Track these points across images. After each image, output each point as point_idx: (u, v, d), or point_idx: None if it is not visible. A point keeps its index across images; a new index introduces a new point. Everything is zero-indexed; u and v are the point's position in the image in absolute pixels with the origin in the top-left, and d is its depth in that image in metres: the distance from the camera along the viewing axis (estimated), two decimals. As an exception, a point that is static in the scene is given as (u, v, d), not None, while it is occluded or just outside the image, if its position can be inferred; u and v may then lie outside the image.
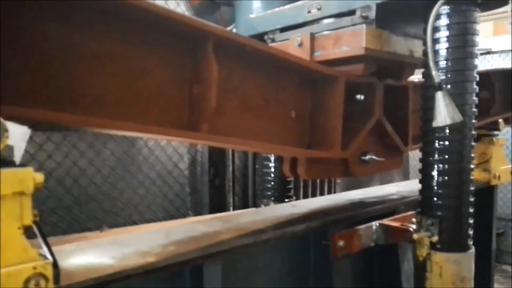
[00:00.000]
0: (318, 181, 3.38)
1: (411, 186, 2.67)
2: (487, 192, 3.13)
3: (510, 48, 5.88)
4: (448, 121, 1.70)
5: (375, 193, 2.56)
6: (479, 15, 1.87)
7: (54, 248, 1.16)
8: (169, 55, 1.46)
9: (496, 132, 3.18)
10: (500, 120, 3.10)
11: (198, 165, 3.36)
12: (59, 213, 2.66)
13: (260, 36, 2.37)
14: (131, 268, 1.32)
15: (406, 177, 4.80)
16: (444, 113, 1.70)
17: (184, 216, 3.26)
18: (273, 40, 2.32)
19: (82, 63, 1.22)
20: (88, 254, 1.41)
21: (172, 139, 1.40)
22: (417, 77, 2.34)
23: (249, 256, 1.80)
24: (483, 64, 6.12)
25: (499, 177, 3.13)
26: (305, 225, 1.85)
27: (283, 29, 2.28)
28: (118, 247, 1.49)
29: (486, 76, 3.00)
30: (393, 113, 2.25)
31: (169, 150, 3.21)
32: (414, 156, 2.01)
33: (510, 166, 3.32)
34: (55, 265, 1.11)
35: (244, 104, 1.74)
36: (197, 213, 3.34)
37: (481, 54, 6.03)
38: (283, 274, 1.95)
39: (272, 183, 2.56)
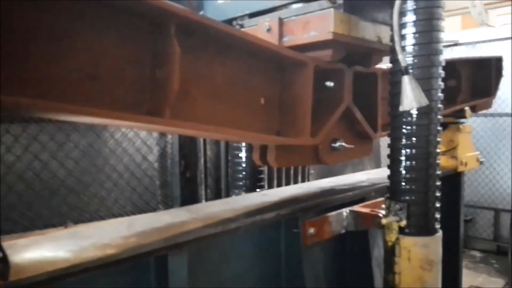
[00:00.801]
0: (291, 171, 3.36)
1: (381, 174, 2.68)
2: (454, 179, 3.19)
3: (477, 40, 6.02)
4: (415, 105, 1.70)
5: (345, 181, 2.55)
6: (448, 10, 1.87)
7: (6, 243, 1.09)
8: (130, 36, 1.39)
9: (462, 120, 3.23)
10: (467, 108, 3.15)
11: (168, 157, 3.28)
12: (19, 209, 2.53)
13: (229, 22, 2.32)
14: (89, 261, 1.26)
15: (377, 165, 4.84)
16: (410, 97, 1.70)
17: (154, 210, 3.18)
18: (242, 26, 2.27)
19: (34, 42, 1.14)
20: (43, 248, 1.34)
21: (133, 125, 1.34)
22: (385, 65, 2.34)
23: (218, 246, 1.75)
24: (451, 55, 6.25)
25: (466, 163, 3.19)
26: (275, 213, 1.81)
27: (252, 15, 2.23)
28: (76, 240, 1.42)
29: (453, 65, 3.04)
30: (362, 100, 2.24)
31: (137, 142, 3.11)
32: (386, 144, 2.02)
33: (476, 153, 3.39)
34: (4, 259, 1.05)
35: (210, 90, 1.69)
36: (168, 206, 3.26)
37: (449, 46, 6.15)
38: (253, 263, 1.91)
39: (244, 173, 2.53)
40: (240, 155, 2.56)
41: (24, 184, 2.58)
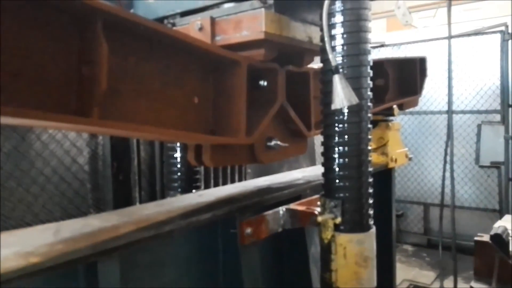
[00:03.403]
0: (228, 170, 3.35)
1: (316, 171, 2.74)
2: (385, 175, 3.33)
3: (401, 42, 6.35)
4: (346, 103, 1.75)
5: (281, 179, 2.58)
6: (374, 12, 1.95)
7: None
8: (55, 33, 1.31)
9: (391, 118, 3.39)
10: (395, 106, 3.31)
11: (99, 159, 3.15)
12: None
13: (160, 21, 2.27)
14: (10, 271, 1.17)
15: (313, 163, 4.97)
16: (341, 95, 1.75)
17: (85, 214, 3.03)
18: (173, 25, 2.23)
19: None
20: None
21: (60, 126, 1.26)
22: (317, 64, 2.40)
23: (152, 250, 1.70)
24: (378, 56, 6.55)
25: (396, 160, 3.34)
26: (211, 213, 1.79)
27: (184, 14, 2.19)
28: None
29: (381, 65, 3.18)
30: (295, 99, 2.28)
31: (65, 144, 2.96)
32: (320, 142, 2.07)
33: (405, 149, 3.57)
34: None
35: (141, 88, 1.63)
36: (100, 210, 3.13)
37: (376, 47, 6.43)
38: (190, 267, 1.88)
39: (179, 173, 2.47)
40: (175, 155, 2.50)
41: None
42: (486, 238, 4.31)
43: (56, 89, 1.33)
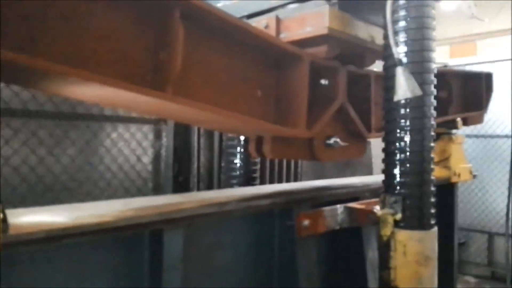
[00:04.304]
0: (284, 175, 3.38)
1: (374, 179, 2.71)
2: (448, 190, 3.20)
3: (465, 63, 6.19)
4: (409, 94, 1.74)
5: (339, 182, 2.58)
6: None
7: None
8: (136, 20, 1.45)
9: (454, 131, 3.29)
10: (458, 119, 3.22)
11: (162, 160, 3.29)
12: (12, 202, 2.52)
13: (227, 24, 2.39)
14: (86, 225, 1.27)
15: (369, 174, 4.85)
16: (404, 87, 1.75)
17: (146, 212, 3.15)
18: (240, 27, 2.34)
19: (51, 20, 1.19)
20: (40, 215, 1.34)
21: (137, 99, 1.37)
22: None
23: (212, 231, 1.75)
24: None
25: (459, 174, 3.22)
26: (270, 200, 1.83)
27: (250, 16, 2.30)
28: (73, 211, 1.43)
29: (443, 76, 3.12)
30: (356, 101, 2.30)
31: (132, 143, 3.13)
32: (378, 153, 2.05)
33: (469, 165, 3.42)
34: (3, 219, 1.09)
35: (209, 77, 1.73)
36: (160, 209, 3.24)
37: (439, 67, 6.27)
38: (247, 252, 1.91)
39: (237, 179, 2.53)
40: (234, 160, 2.57)
41: (19, 178, 2.58)
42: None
43: (134, 67, 1.45)
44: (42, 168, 2.67)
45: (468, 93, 3.40)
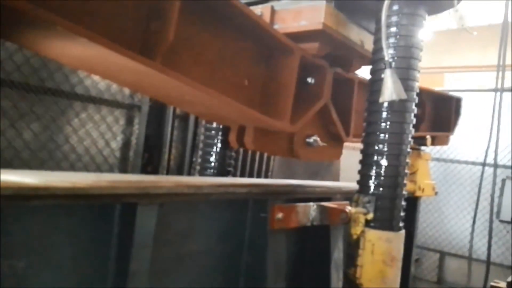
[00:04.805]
0: (255, 173, 3.34)
1: (345, 184, 2.72)
2: (411, 202, 3.27)
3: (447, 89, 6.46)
4: (395, 97, 1.77)
5: (312, 183, 2.57)
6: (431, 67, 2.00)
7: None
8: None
9: (423, 148, 3.37)
10: (428, 136, 3.30)
11: (131, 147, 3.18)
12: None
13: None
14: (57, 187, 1.18)
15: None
16: (391, 89, 1.77)
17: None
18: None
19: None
20: (9, 175, 1.24)
21: (124, 65, 1.30)
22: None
23: (186, 214, 1.69)
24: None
25: (423, 189, 3.30)
26: (248, 189, 1.79)
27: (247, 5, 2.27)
28: (44, 176, 1.33)
29: (418, 94, 3.19)
30: (338, 105, 2.31)
31: (102, 126, 3.01)
32: (345, 166, 2.07)
33: (433, 182, 3.52)
34: None
35: (198, 58, 1.69)
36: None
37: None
38: (217, 241, 1.85)
39: (213, 164, 2.46)
40: (210, 151, 2.50)
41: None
42: (502, 284, 4.14)
43: (125, 34, 1.39)
44: (3, 141, 2.51)
45: (438, 113, 3.50)
